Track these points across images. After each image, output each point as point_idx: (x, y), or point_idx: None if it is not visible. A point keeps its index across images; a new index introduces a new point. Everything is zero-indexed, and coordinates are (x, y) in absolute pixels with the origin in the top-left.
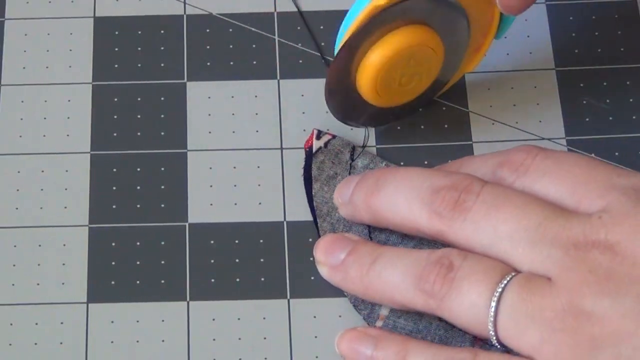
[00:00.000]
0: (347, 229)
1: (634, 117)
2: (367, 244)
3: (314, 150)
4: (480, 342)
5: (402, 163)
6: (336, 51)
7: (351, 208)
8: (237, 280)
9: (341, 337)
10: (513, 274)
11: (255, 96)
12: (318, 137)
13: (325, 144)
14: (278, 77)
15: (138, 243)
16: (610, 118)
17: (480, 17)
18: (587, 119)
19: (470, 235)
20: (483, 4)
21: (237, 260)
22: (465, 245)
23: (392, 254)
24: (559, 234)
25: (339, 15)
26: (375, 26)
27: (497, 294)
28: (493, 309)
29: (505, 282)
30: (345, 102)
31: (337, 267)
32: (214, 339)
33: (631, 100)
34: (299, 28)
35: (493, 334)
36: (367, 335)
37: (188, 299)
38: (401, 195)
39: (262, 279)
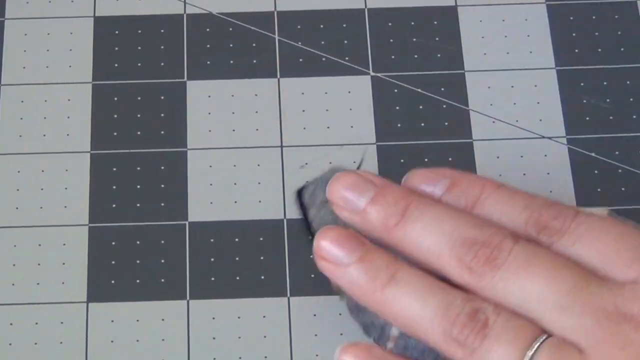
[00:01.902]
0: None
1: (634, 117)
2: (382, 254)
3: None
4: None
5: (402, 160)
6: None
7: (360, 220)
8: (237, 278)
9: (344, 351)
10: (544, 337)
11: (255, 95)
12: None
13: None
14: (278, 76)
15: (138, 242)
16: (611, 117)
17: None
18: (588, 118)
19: (499, 294)
20: None
21: (237, 259)
22: (493, 301)
23: (416, 280)
24: (590, 302)
25: (340, 15)
26: None
27: (527, 359)
28: None
29: (535, 346)
30: None
31: (342, 268)
32: (214, 338)
33: (631, 99)
34: (299, 27)
35: None
36: (373, 357)
37: (188, 298)
38: (429, 238)
39: (262, 277)
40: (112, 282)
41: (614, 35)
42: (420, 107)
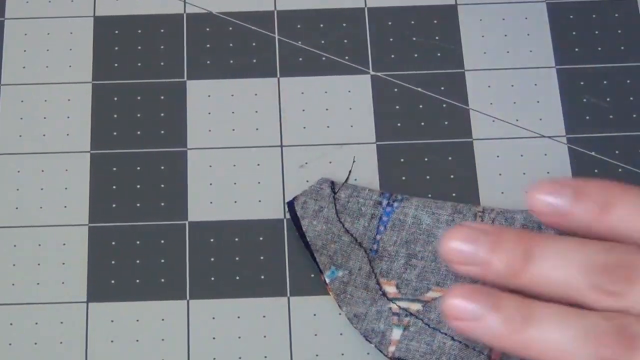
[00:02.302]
0: (345, 259)
1: (634, 116)
2: (513, 298)
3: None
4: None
5: (402, 160)
6: None
7: (482, 271)
8: (237, 278)
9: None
10: None
11: (255, 94)
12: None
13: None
14: (278, 75)
15: (138, 242)
16: (611, 116)
17: None
18: (588, 117)
19: None
20: None
21: (237, 259)
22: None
23: (552, 313)
24: None
25: (340, 14)
26: None
27: None
28: None
29: None
30: None
31: (479, 322)
32: (213, 338)
33: (631, 98)
34: (299, 26)
35: None
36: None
37: (188, 298)
38: (560, 273)
39: (262, 277)
40: (112, 282)
41: (614, 34)
42: (420, 106)
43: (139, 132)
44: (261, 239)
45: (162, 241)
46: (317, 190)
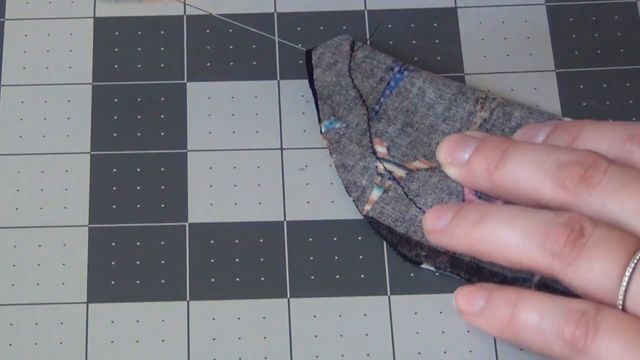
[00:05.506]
0: (346, 112)
1: (633, 119)
2: (471, 205)
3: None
4: None
5: None
6: None
7: (466, 173)
8: (237, 279)
9: (458, 292)
10: None
11: (255, 97)
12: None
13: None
14: (278, 78)
15: (138, 243)
16: (610, 120)
17: None
18: None
19: (597, 209)
20: None
21: (237, 260)
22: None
23: (504, 211)
24: None
25: (339, 16)
26: None
27: (633, 265)
28: (627, 279)
29: (639, 255)
30: None
31: (442, 231)
32: (213, 339)
33: (631, 102)
34: (299, 29)
35: (621, 303)
36: (482, 288)
37: (188, 299)
38: (525, 169)
39: (262, 279)
40: (112, 282)
41: (614, 37)
42: None
43: (139, 134)
44: (261, 240)
45: (162, 242)
46: (337, 44)
